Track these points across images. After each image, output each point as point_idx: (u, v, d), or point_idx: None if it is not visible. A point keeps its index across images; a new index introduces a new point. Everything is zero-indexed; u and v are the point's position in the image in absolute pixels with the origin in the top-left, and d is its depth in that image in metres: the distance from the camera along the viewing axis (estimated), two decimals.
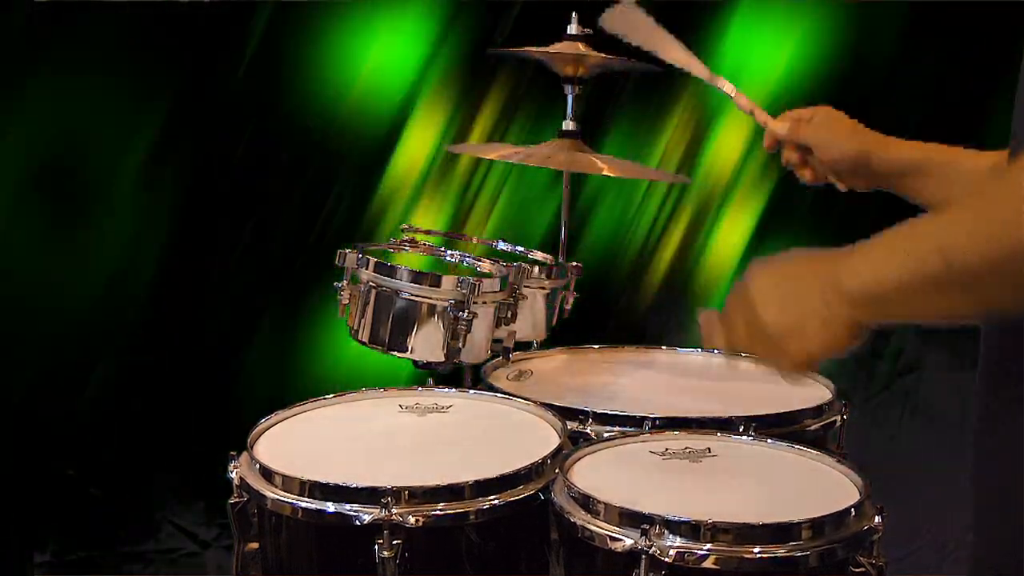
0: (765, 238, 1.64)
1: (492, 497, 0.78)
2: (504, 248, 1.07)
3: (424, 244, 0.99)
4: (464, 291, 0.86)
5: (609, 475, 0.81)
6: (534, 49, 1.07)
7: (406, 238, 0.98)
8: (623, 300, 1.63)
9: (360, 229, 1.53)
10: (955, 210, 0.56)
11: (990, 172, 0.79)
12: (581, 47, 1.05)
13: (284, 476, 0.80)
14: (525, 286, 0.95)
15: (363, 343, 0.89)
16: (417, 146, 1.56)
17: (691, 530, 0.69)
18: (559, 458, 0.83)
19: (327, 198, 1.55)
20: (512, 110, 1.55)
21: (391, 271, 0.87)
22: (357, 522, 0.75)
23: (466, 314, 0.85)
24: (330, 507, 0.77)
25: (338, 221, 1.54)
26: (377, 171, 1.55)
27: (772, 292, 0.64)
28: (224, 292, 1.56)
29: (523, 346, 1.07)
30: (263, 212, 1.56)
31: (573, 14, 1.04)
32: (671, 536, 0.69)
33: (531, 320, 1.02)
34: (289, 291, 1.56)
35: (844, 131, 0.90)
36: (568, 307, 1.08)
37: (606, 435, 0.89)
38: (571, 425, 0.92)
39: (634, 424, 0.91)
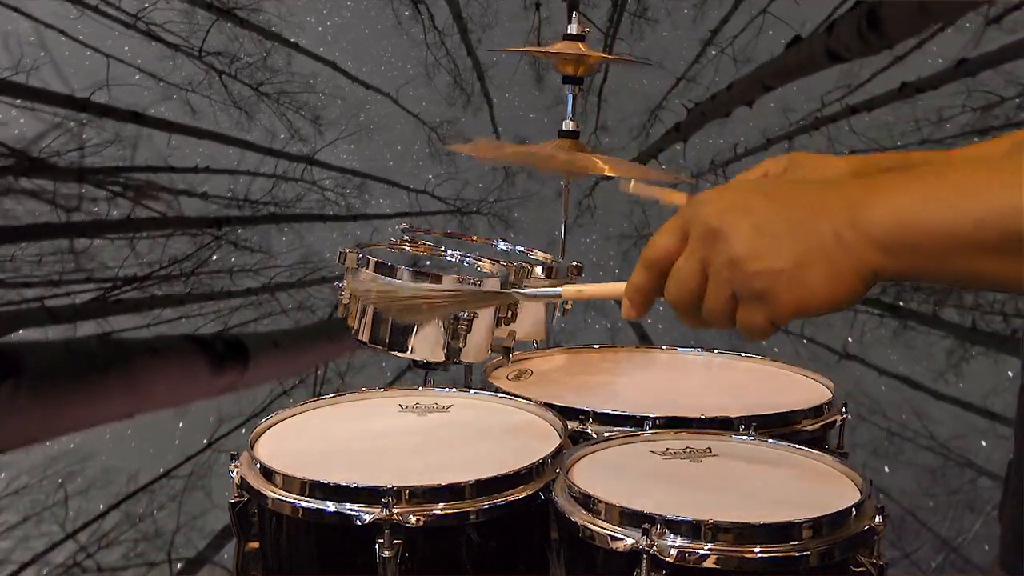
0: None
1: (492, 497, 0.78)
2: (504, 248, 1.07)
3: (424, 244, 0.99)
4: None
5: (609, 475, 0.81)
6: (534, 49, 1.08)
7: (406, 238, 0.99)
8: None
9: None
10: None
11: None
12: (581, 47, 1.05)
13: (285, 476, 0.80)
14: (525, 286, 0.95)
15: (363, 343, 0.89)
16: None
17: (692, 530, 0.69)
18: (559, 458, 0.83)
19: None
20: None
21: (391, 271, 0.87)
22: (358, 522, 0.75)
23: (466, 314, 0.85)
24: (331, 507, 0.77)
25: None
26: None
27: (751, 220, 0.46)
28: None
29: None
30: None
31: (573, 14, 1.05)
32: (672, 536, 0.69)
33: (531, 320, 1.02)
34: None
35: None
36: (568, 307, 1.08)
37: (606, 435, 0.90)
38: (571, 425, 0.92)
39: (634, 424, 0.91)
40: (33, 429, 1.75)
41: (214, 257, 2.14)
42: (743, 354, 1.17)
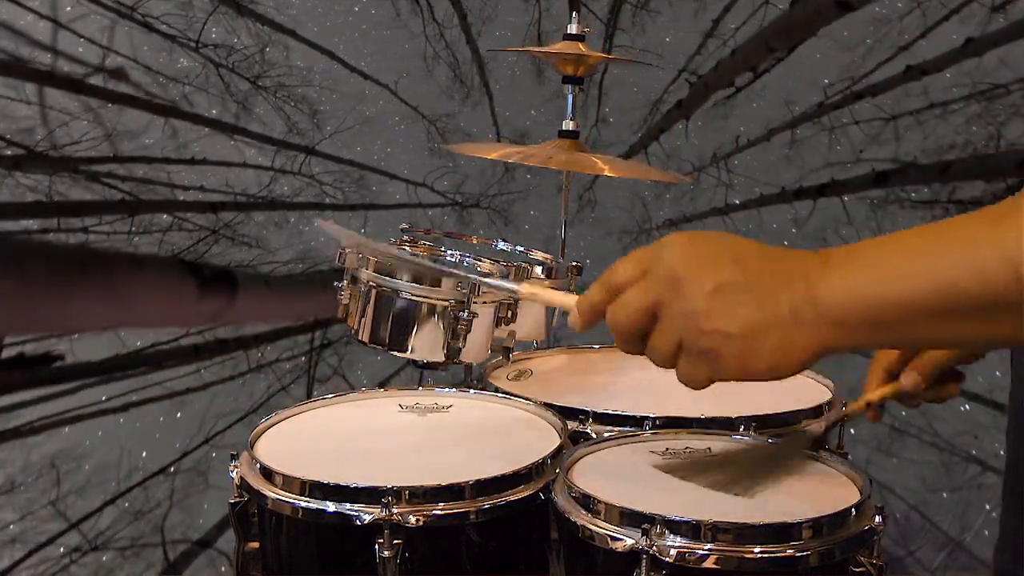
0: None
1: (492, 497, 0.78)
2: (504, 248, 1.07)
3: (424, 244, 0.99)
4: (464, 291, 0.86)
5: (609, 475, 0.81)
6: (534, 49, 1.07)
7: (406, 238, 0.98)
8: None
9: None
10: (996, 216, 0.41)
11: None
12: (581, 47, 1.05)
13: (284, 476, 0.80)
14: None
15: (363, 343, 0.89)
16: None
17: (692, 530, 0.69)
18: (559, 458, 0.83)
19: None
20: None
21: (391, 271, 0.87)
22: (357, 522, 0.76)
23: (466, 314, 0.85)
24: (330, 507, 0.77)
25: None
26: None
27: (714, 278, 0.47)
28: None
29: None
30: None
31: (573, 14, 1.04)
32: (672, 536, 0.69)
33: (531, 320, 1.02)
34: None
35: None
36: None
37: (606, 435, 0.90)
38: (571, 425, 0.92)
39: (634, 424, 0.91)
40: (3, 318, 1.66)
41: (211, 251, 2.13)
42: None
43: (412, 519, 0.75)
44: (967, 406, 1.92)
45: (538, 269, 1.02)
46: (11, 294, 1.66)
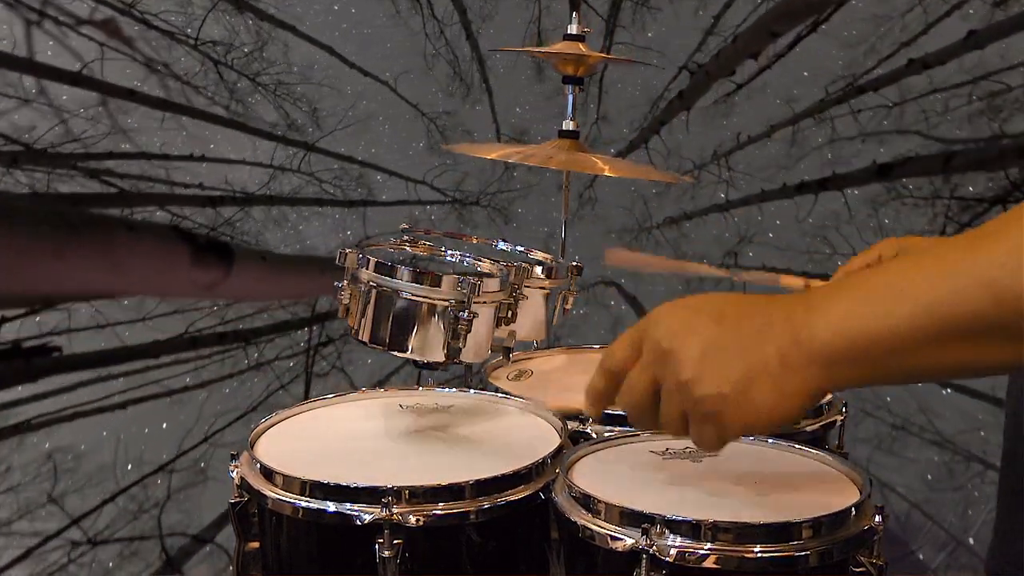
0: None
1: (492, 497, 0.78)
2: (504, 248, 1.07)
3: (424, 244, 0.98)
4: (464, 291, 0.86)
5: (609, 475, 0.81)
6: (534, 49, 1.06)
7: (406, 238, 0.98)
8: None
9: None
10: (973, 240, 0.41)
11: None
12: (581, 47, 1.04)
13: (285, 476, 0.80)
14: (525, 286, 0.95)
15: (363, 343, 0.89)
16: None
17: (691, 530, 0.69)
18: (559, 458, 0.83)
19: None
20: None
21: (391, 271, 0.87)
22: (358, 522, 0.76)
23: (466, 314, 0.85)
24: (331, 507, 0.77)
25: None
26: None
27: (699, 343, 0.48)
28: None
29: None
30: None
31: (573, 14, 1.04)
32: (672, 536, 0.69)
33: (531, 320, 1.02)
34: None
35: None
36: (568, 307, 1.08)
37: (606, 435, 0.90)
38: (571, 425, 0.92)
39: None
40: None
41: None
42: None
43: (412, 519, 0.75)
44: (949, 390, 1.92)
45: (538, 269, 1.02)
46: (4, 255, 1.64)
